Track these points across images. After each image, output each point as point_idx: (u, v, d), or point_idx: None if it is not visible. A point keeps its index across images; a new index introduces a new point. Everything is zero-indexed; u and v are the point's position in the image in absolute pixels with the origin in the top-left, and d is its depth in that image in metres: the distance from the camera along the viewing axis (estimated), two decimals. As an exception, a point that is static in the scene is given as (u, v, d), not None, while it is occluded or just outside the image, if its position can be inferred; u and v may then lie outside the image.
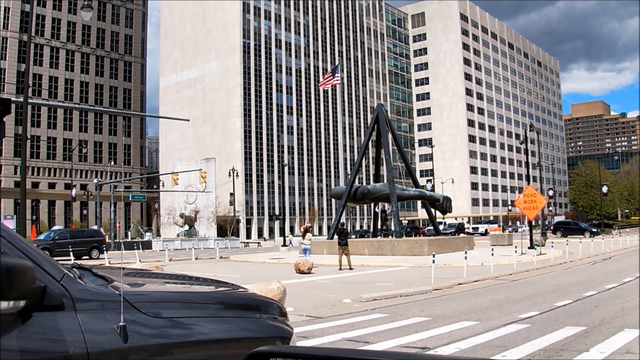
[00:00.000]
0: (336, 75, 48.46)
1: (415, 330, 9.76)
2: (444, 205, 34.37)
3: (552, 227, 62.90)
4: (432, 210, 37.58)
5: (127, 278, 3.85)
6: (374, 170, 41.40)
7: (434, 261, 17.71)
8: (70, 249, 31.83)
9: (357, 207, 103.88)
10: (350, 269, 23.85)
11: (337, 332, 9.75)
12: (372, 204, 40.54)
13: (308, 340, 9.23)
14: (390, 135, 37.08)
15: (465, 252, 20.28)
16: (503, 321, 10.43)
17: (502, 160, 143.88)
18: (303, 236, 26.42)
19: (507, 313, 11.45)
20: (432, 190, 61.12)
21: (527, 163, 37.13)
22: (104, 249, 35.64)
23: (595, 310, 11.45)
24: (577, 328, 9.46)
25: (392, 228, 37.73)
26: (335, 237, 28.25)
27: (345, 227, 26.40)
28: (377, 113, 35.33)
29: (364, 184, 52.91)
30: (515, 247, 25.69)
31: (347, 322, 10.87)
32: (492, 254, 21.84)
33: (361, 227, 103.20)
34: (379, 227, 40.87)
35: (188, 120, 37.62)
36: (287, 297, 14.67)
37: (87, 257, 35.30)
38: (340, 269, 23.92)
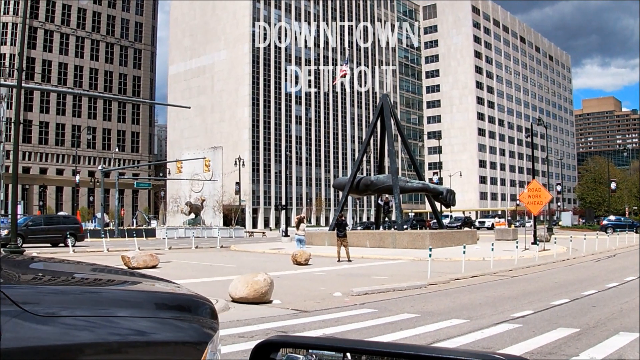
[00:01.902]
0: (346, 64, 47.99)
1: (400, 328, 9.37)
2: (447, 198, 33.88)
3: (600, 224, 61.88)
4: (436, 203, 37.07)
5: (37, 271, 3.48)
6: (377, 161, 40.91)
7: (430, 255, 17.27)
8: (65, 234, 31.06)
9: (365, 198, 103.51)
10: (349, 261, 23.49)
11: (320, 328, 9.37)
12: (376, 196, 40.08)
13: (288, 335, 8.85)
14: (394, 127, 36.55)
15: (464, 247, 19.83)
16: (494, 320, 10.02)
17: (512, 154, 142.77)
18: (297, 227, 25.95)
19: (500, 311, 11.03)
20: (439, 183, 60.60)
21: (532, 157, 36.53)
22: (103, 234, 34.96)
23: (592, 311, 11.00)
24: (570, 330, 9.03)
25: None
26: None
27: (344, 218, 25.99)
28: (381, 104, 34.86)
29: (372, 174, 52.36)
30: (517, 242, 25.20)
31: (332, 317, 10.48)
32: (492, 249, 21.36)
33: (368, 218, 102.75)
34: (382, 219, 40.34)
35: (189, 108, 37.37)
36: (278, 289, 14.35)
37: (62, 244, 33.54)
38: (338, 260, 23.56)
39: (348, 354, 1.69)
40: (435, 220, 45.76)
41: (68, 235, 32.07)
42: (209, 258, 27.34)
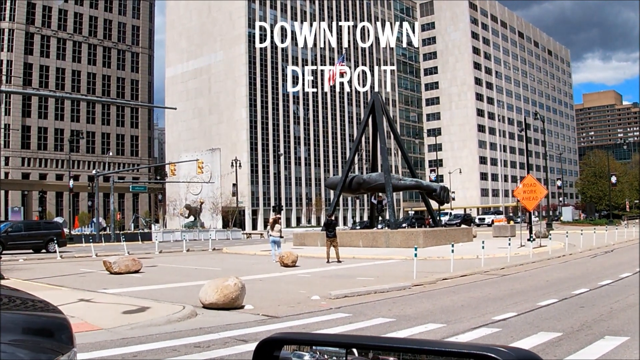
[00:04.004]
0: (342, 63, 47.29)
1: (370, 334, 8.76)
2: (441, 195, 33.19)
3: None
4: (431, 200, 36.33)
5: None
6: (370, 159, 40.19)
7: (416, 255, 16.64)
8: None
9: (364, 197, 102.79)
10: (339, 261, 22.85)
11: (284, 336, 8.74)
12: (369, 195, 39.40)
13: (247, 344, 8.24)
14: (386, 124, 35.89)
15: (452, 245, 19.16)
16: (473, 324, 9.38)
17: (512, 150, 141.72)
18: (271, 227, 24.95)
19: (481, 314, 10.39)
20: (436, 180, 59.92)
21: (526, 151, 35.84)
22: (91, 239, 34.18)
23: (579, 312, 10.34)
24: (551, 334, 8.38)
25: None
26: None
27: (334, 218, 25.29)
28: (372, 101, 34.18)
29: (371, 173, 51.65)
30: (509, 239, 24.53)
31: (301, 324, 9.88)
32: (483, 247, 20.69)
33: (369, 217, 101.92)
34: (376, 218, 39.64)
35: (175, 109, 36.83)
36: (256, 292, 13.79)
37: (44, 250, 32.86)
38: (327, 261, 22.93)
39: (355, 350, 1.71)
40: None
41: (55, 240, 31.36)
42: (197, 261, 26.77)
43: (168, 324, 9.86)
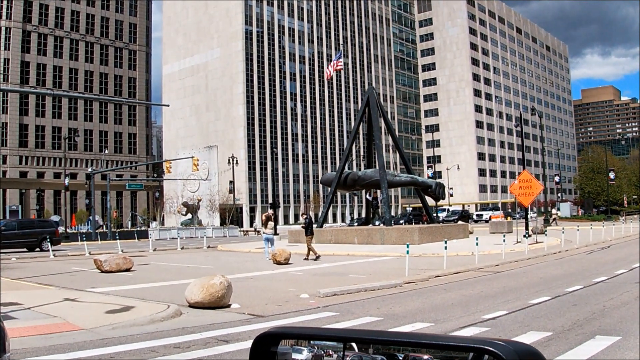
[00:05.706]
0: (339, 60, 47.03)
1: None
2: (436, 191, 32.89)
3: None
4: (427, 197, 36.04)
5: None
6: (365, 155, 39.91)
7: (408, 252, 16.40)
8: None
9: (362, 193, 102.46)
10: (306, 259, 22.81)
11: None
12: (364, 191, 39.15)
13: (228, 344, 8.03)
14: (381, 120, 35.62)
15: (445, 242, 18.92)
16: (461, 323, 9.15)
17: (510, 146, 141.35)
18: (264, 225, 24.79)
19: (471, 312, 10.16)
20: (434, 177, 59.69)
21: (522, 146, 35.56)
22: (84, 237, 33.87)
23: (571, 310, 10.10)
24: (541, 334, 8.14)
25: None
26: (326, 225, 27.11)
27: (307, 217, 25.31)
28: (367, 97, 33.82)
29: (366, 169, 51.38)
30: (504, 235, 24.30)
31: (286, 323, 9.62)
32: (477, 243, 20.46)
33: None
34: (373, 214, 39.37)
35: (168, 106, 36.50)
36: (246, 291, 13.61)
37: (38, 249, 32.55)
38: (316, 258, 22.87)
39: (354, 344, 1.70)
40: (434, 214, 44.79)
41: (48, 239, 31.10)
42: (190, 259, 26.54)
43: (151, 324, 9.65)
